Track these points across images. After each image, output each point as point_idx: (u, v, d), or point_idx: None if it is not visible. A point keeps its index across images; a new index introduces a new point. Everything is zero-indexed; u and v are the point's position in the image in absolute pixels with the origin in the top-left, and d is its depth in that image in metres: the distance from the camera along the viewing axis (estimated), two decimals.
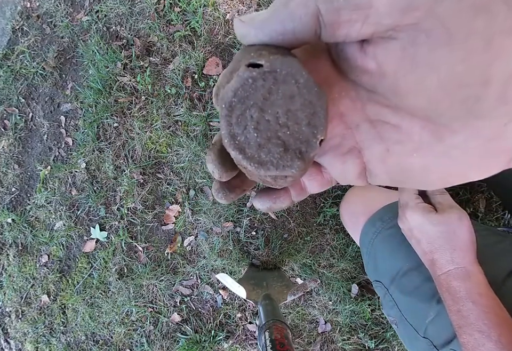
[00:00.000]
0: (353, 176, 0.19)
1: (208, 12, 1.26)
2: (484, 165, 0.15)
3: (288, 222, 1.21)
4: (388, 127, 0.16)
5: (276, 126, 0.14)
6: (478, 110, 0.13)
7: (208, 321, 1.26)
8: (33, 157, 1.54)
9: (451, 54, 0.12)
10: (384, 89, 0.14)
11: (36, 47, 1.56)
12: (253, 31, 0.14)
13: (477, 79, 0.12)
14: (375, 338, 1.11)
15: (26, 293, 1.51)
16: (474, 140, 0.14)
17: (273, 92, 0.14)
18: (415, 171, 0.17)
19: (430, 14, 0.11)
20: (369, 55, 0.14)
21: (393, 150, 0.17)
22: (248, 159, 0.15)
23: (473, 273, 0.42)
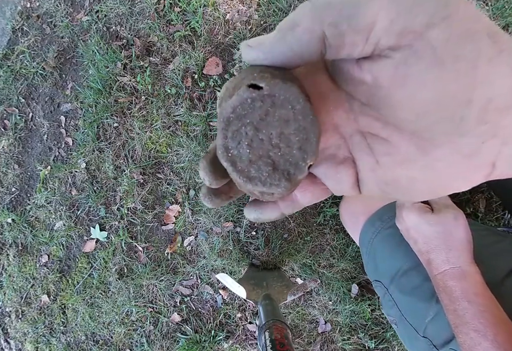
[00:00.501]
0: (347, 186, 0.20)
1: (208, 12, 1.26)
2: (466, 177, 0.16)
3: (288, 222, 1.21)
4: (378, 140, 0.17)
5: (268, 146, 0.15)
6: (460, 128, 0.14)
7: (208, 321, 1.26)
8: (33, 157, 1.54)
9: (439, 76, 0.13)
10: (378, 100, 0.15)
11: (36, 47, 1.56)
12: (261, 55, 0.15)
13: (461, 100, 0.13)
14: (375, 338, 1.11)
15: (26, 293, 1.51)
16: (456, 154, 0.15)
17: (270, 114, 0.15)
18: (402, 182, 0.17)
19: (422, 38, 0.12)
20: (365, 70, 0.15)
21: (382, 161, 0.17)
22: (238, 173, 0.15)
23: (469, 273, 0.42)
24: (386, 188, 0.18)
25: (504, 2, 0.99)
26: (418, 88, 0.13)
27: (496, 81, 0.13)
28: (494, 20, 1.00)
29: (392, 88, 0.14)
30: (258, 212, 0.21)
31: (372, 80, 0.15)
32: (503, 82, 0.13)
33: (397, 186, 0.18)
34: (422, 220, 0.45)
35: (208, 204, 0.20)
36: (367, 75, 0.15)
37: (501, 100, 0.13)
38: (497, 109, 0.13)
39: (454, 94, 0.13)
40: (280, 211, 0.20)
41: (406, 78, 0.13)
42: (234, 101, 0.15)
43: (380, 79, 0.14)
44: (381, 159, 0.17)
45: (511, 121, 0.13)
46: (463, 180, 0.16)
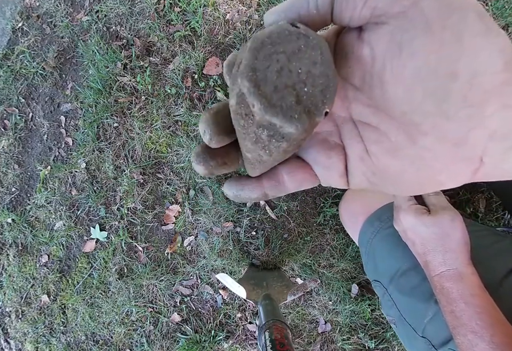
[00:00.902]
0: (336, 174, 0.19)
1: (208, 12, 1.26)
2: (452, 171, 0.16)
3: (288, 222, 1.21)
4: (368, 128, 0.17)
5: (296, 79, 0.15)
6: (445, 110, 0.14)
7: (208, 321, 1.26)
8: (33, 157, 1.54)
9: (427, 43, 0.13)
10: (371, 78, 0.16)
11: (36, 47, 1.56)
12: (282, 14, 0.16)
13: (445, 71, 0.13)
14: (375, 338, 1.11)
15: (26, 293, 1.51)
16: (442, 142, 0.15)
17: (302, 51, 0.15)
18: (391, 173, 0.17)
19: (415, 5, 0.13)
20: (364, 41, 0.15)
21: (371, 150, 0.17)
22: (260, 96, 0.14)
23: (466, 275, 0.42)
24: (374, 178, 0.18)
25: (504, 2, 0.99)
26: (409, 57, 0.13)
27: (482, 57, 0.13)
28: (494, 19, 1.00)
29: (387, 58, 0.14)
30: (239, 188, 0.19)
31: (368, 52, 0.15)
32: (489, 61, 0.13)
33: (385, 177, 0.18)
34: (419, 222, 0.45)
35: (200, 166, 0.18)
36: (365, 48, 0.15)
37: (486, 79, 0.13)
38: (482, 89, 0.13)
39: (438, 64, 0.13)
40: (263, 191, 0.19)
41: (400, 46, 0.14)
42: (273, 28, 0.15)
43: (376, 50, 0.15)
44: (370, 148, 0.17)
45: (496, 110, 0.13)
46: (450, 174, 0.16)
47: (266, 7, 1.20)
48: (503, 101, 0.13)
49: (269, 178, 0.19)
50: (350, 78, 0.17)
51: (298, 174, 0.19)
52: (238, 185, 0.19)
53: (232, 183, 0.20)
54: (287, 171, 0.19)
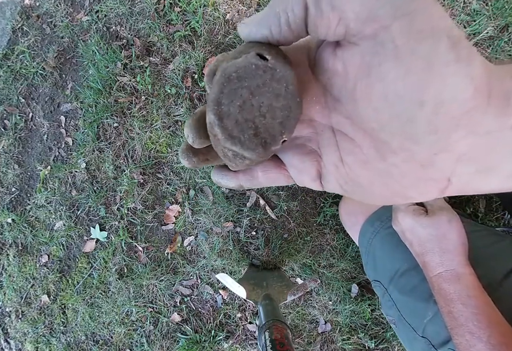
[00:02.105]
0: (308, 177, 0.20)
1: (208, 12, 1.26)
2: (420, 188, 0.16)
3: (288, 222, 1.21)
4: (345, 138, 0.18)
5: (256, 112, 0.16)
6: (411, 133, 0.14)
7: (208, 321, 1.26)
8: (33, 157, 1.54)
9: (394, 69, 0.13)
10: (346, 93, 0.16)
11: (36, 47, 1.56)
12: (254, 28, 0.16)
13: (411, 98, 0.13)
14: (375, 338, 1.11)
15: (26, 293, 1.51)
16: (410, 163, 0.15)
17: (267, 85, 0.16)
18: (362, 183, 0.18)
19: (385, 29, 0.13)
20: (338, 57, 0.16)
21: (345, 160, 0.18)
22: (222, 128, 0.16)
23: (463, 275, 0.42)
24: (346, 186, 0.19)
25: (504, 2, 0.99)
26: (376, 81, 0.14)
27: (451, 85, 0.12)
28: (494, 19, 1.00)
29: (358, 78, 0.15)
30: (220, 176, 0.22)
31: (342, 69, 0.15)
32: (458, 89, 0.12)
33: (356, 186, 0.19)
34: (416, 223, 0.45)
35: (184, 160, 0.20)
36: (339, 63, 0.16)
37: (453, 107, 0.13)
38: (448, 116, 0.13)
39: (404, 91, 0.13)
40: (239, 182, 0.21)
41: (369, 69, 0.14)
42: (240, 62, 0.15)
43: (348, 68, 0.15)
44: (345, 157, 0.18)
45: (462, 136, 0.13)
46: (417, 190, 0.16)
47: None
48: (470, 128, 0.13)
49: (245, 173, 0.21)
50: (329, 88, 0.17)
51: (272, 173, 0.21)
52: (219, 173, 0.22)
53: (216, 171, 0.22)
54: (262, 169, 0.21)
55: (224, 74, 0.16)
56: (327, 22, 0.14)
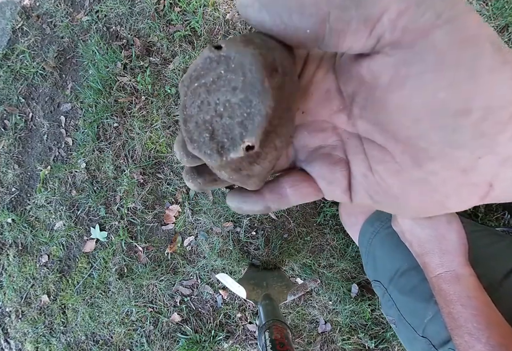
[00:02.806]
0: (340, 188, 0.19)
1: (208, 12, 1.26)
2: (460, 195, 0.15)
3: (288, 222, 1.21)
4: (374, 146, 0.17)
5: (212, 112, 0.14)
6: (454, 140, 0.13)
7: (208, 321, 1.26)
8: (33, 157, 1.54)
9: (438, 80, 0.12)
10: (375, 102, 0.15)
11: (36, 47, 1.56)
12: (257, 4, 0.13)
13: (457, 108, 0.12)
14: (375, 338, 1.11)
15: (26, 293, 1.51)
16: (450, 169, 0.14)
17: (222, 78, 0.13)
18: (394, 193, 0.17)
19: (426, 38, 0.12)
20: (364, 68, 0.14)
21: (375, 168, 0.17)
22: (185, 132, 0.15)
23: (463, 276, 0.42)
24: (377, 197, 0.18)
25: (504, 2, 0.99)
26: (415, 92, 0.13)
27: (498, 92, 0.12)
28: (494, 19, 1.00)
29: (390, 89, 0.14)
30: (241, 200, 0.19)
31: (370, 80, 0.14)
32: (506, 95, 0.12)
33: (388, 197, 0.17)
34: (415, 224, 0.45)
35: (189, 182, 0.18)
36: (366, 74, 0.14)
37: (502, 112, 0.12)
38: (496, 121, 0.12)
39: (449, 101, 0.12)
40: (266, 204, 0.19)
41: (405, 80, 0.13)
42: (197, 59, 0.14)
43: (378, 79, 0.14)
44: (374, 166, 0.17)
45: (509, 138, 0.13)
46: (457, 199, 0.15)
47: None
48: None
49: (272, 191, 0.19)
50: (355, 97, 0.16)
51: (302, 187, 0.19)
52: (240, 197, 0.19)
53: (235, 194, 0.19)
54: (290, 184, 0.19)
55: (185, 75, 0.14)
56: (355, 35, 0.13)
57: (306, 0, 0.12)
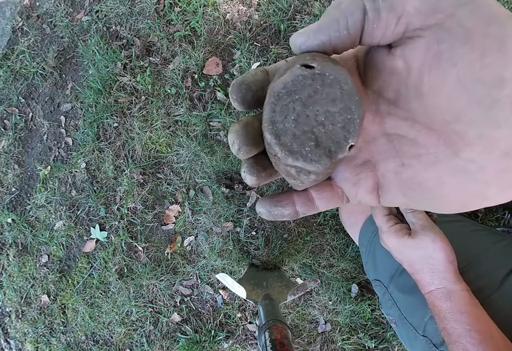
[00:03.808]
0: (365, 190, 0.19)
1: (208, 12, 1.26)
2: (502, 183, 0.15)
3: (288, 222, 1.21)
4: (405, 141, 0.17)
5: (313, 122, 0.15)
6: (493, 116, 0.13)
7: (208, 321, 1.26)
8: (33, 157, 1.54)
9: (468, 52, 0.13)
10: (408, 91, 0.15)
11: (36, 47, 1.56)
12: (312, 35, 0.15)
13: (492, 78, 0.13)
14: (375, 338, 1.11)
15: (26, 293, 1.51)
16: (490, 153, 0.14)
17: (319, 92, 0.15)
18: (430, 187, 0.16)
19: (452, 16, 0.13)
20: (397, 56, 0.15)
21: (408, 164, 0.17)
22: (281, 146, 0.15)
23: (454, 292, 0.42)
24: (412, 193, 0.17)
25: (504, 2, 0.99)
26: (449, 66, 0.13)
27: None
28: None
29: (424, 70, 0.14)
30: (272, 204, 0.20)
31: (403, 65, 0.15)
32: None
33: (424, 192, 0.17)
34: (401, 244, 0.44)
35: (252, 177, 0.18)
36: (399, 61, 0.15)
37: None
38: None
39: (483, 72, 0.13)
40: (295, 208, 0.20)
41: (438, 57, 0.13)
42: (286, 77, 0.15)
43: (411, 63, 0.14)
44: (407, 162, 0.17)
45: None
46: (498, 187, 0.15)
47: (266, 7, 1.20)
48: None
49: (299, 195, 0.20)
50: (383, 92, 0.17)
51: (326, 191, 0.20)
52: (270, 202, 0.20)
53: (266, 200, 0.20)
54: (314, 189, 0.20)
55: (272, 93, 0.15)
56: (385, 23, 0.14)
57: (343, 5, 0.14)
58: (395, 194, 0.18)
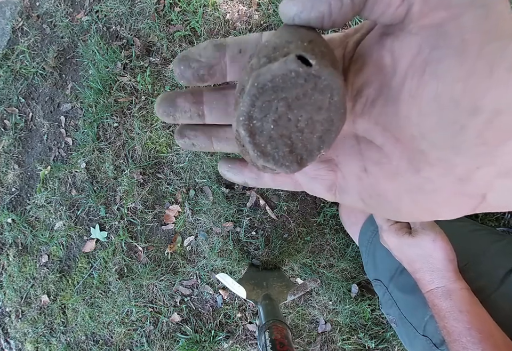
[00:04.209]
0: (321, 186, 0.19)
1: (208, 12, 1.26)
2: (452, 205, 0.15)
3: (288, 222, 1.21)
4: (371, 146, 0.16)
5: (293, 128, 0.14)
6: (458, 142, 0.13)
7: (208, 321, 1.26)
8: (33, 157, 1.54)
9: (456, 68, 0.11)
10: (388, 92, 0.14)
11: (36, 47, 1.56)
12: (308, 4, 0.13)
13: (468, 104, 0.12)
14: (375, 338, 1.11)
15: (26, 293, 1.51)
16: (447, 176, 0.14)
17: (307, 96, 0.14)
18: (387, 198, 0.16)
19: (455, 19, 0.11)
20: (387, 48, 0.14)
21: (370, 170, 0.16)
22: (254, 145, 0.15)
23: (454, 291, 0.42)
24: (370, 200, 0.17)
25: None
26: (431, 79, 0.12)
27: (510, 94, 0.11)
28: None
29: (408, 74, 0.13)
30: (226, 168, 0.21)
31: (390, 62, 0.14)
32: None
33: (380, 201, 0.17)
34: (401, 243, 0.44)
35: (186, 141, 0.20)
36: (387, 56, 0.14)
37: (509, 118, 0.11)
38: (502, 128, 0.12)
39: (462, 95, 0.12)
40: (244, 179, 0.21)
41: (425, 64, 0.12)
42: (277, 69, 0.13)
43: (398, 62, 0.13)
44: (369, 168, 0.16)
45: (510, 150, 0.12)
46: (450, 208, 0.15)
47: (266, 7, 1.20)
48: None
49: (251, 170, 0.20)
50: (364, 89, 0.16)
51: (281, 177, 0.20)
52: (226, 166, 0.21)
53: (224, 162, 0.21)
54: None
55: (256, 84, 0.13)
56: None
57: None
58: (353, 198, 0.18)
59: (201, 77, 0.17)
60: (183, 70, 0.17)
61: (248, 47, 0.17)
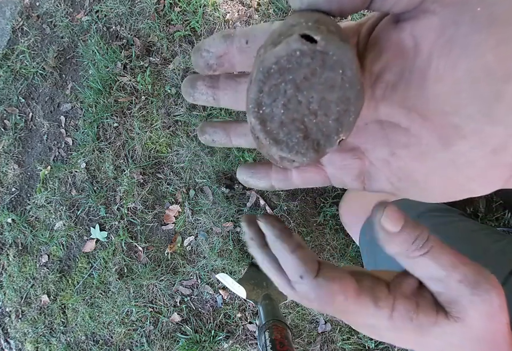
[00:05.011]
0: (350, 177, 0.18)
1: (208, 12, 1.26)
2: (486, 178, 0.15)
3: (288, 222, 1.21)
4: (397, 130, 0.16)
5: (304, 110, 0.13)
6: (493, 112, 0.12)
7: (208, 321, 1.26)
8: (33, 157, 1.54)
9: (485, 40, 0.11)
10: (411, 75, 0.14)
11: (36, 47, 1.56)
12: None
13: (502, 71, 0.12)
14: None
15: (26, 293, 1.51)
16: (480, 148, 0.14)
17: (316, 74, 0.13)
18: (418, 178, 0.16)
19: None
20: (406, 31, 0.13)
21: (398, 153, 0.16)
22: (266, 133, 0.14)
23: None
24: (399, 183, 0.17)
25: None
26: (462, 55, 0.12)
27: None
28: None
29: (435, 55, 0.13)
30: (249, 174, 0.20)
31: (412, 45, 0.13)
32: None
33: (411, 182, 0.17)
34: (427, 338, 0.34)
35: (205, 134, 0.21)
36: (408, 39, 0.13)
37: None
38: None
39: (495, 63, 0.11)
40: (270, 182, 0.19)
41: (451, 42, 0.12)
42: (280, 50, 0.12)
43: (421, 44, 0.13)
44: (397, 151, 0.16)
45: None
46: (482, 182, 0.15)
47: (266, 7, 1.20)
48: None
49: (278, 171, 0.19)
50: (383, 74, 0.15)
51: (308, 172, 0.19)
52: (248, 171, 0.20)
53: (244, 169, 0.20)
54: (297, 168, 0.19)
55: (261, 67, 0.13)
56: None
57: None
58: (382, 183, 0.18)
59: (211, 66, 0.18)
60: (196, 59, 0.18)
61: (255, 38, 0.17)
